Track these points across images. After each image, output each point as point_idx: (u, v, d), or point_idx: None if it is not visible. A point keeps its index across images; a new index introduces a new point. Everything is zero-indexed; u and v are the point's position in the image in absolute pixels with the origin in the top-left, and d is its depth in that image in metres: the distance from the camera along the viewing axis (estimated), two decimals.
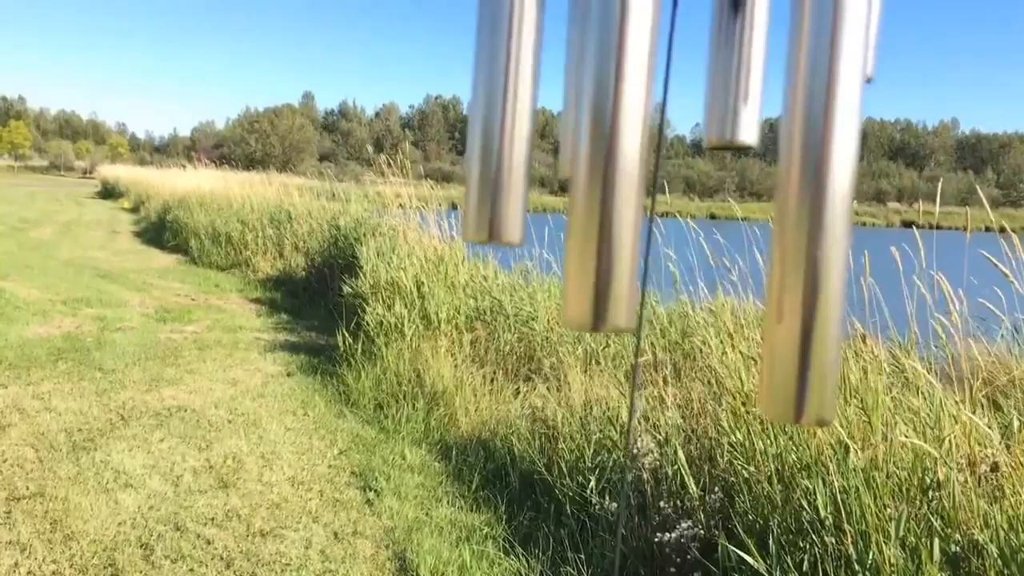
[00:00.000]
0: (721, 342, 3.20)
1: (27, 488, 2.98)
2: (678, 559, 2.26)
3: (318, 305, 6.74)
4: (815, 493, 2.03)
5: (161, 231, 12.20)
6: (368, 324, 4.68)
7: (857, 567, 1.92)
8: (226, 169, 22.32)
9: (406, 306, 4.78)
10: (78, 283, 7.66)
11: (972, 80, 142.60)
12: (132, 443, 3.49)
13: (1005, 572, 1.76)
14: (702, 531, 2.27)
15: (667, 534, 2.25)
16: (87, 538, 2.64)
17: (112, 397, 4.11)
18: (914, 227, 2.82)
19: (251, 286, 8.16)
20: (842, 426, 2.19)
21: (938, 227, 2.64)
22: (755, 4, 0.40)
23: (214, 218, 10.28)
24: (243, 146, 64.95)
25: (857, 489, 1.95)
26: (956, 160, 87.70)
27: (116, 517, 2.82)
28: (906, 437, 2.03)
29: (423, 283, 5.00)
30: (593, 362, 3.96)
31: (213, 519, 2.84)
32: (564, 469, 2.88)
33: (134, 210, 18.25)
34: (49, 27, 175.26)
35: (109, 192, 26.37)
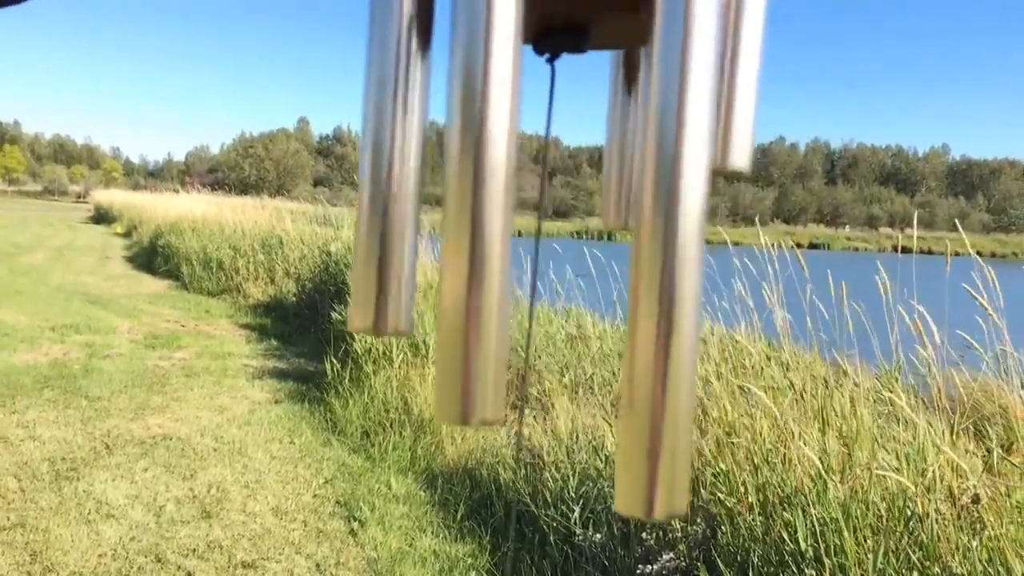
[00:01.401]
0: (706, 371, 3.20)
1: (7, 519, 2.95)
2: None
3: (308, 331, 6.73)
4: (795, 525, 2.02)
5: (153, 256, 12.18)
6: (356, 351, 4.68)
7: None
8: (220, 194, 22.37)
9: None
10: (68, 309, 7.63)
11: (962, 106, 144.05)
12: (116, 472, 3.47)
13: None
14: (684, 563, 2.27)
15: (649, 566, 2.24)
16: (66, 570, 2.62)
17: (97, 425, 4.09)
18: (899, 251, 2.84)
19: (241, 312, 8.14)
20: (821, 459, 2.20)
21: (929, 252, 2.66)
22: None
23: (206, 243, 10.28)
24: (237, 171, 65.10)
25: (836, 521, 1.95)
26: (947, 186, 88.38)
27: (97, 549, 2.79)
28: (884, 470, 2.03)
29: (414, 308, 4.99)
30: (580, 390, 3.96)
31: (195, 550, 2.81)
32: (549, 499, 2.87)
33: (127, 235, 18.24)
34: (44, 52, 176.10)
35: (102, 217, 26.35)
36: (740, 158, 0.39)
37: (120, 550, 2.78)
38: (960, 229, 2.54)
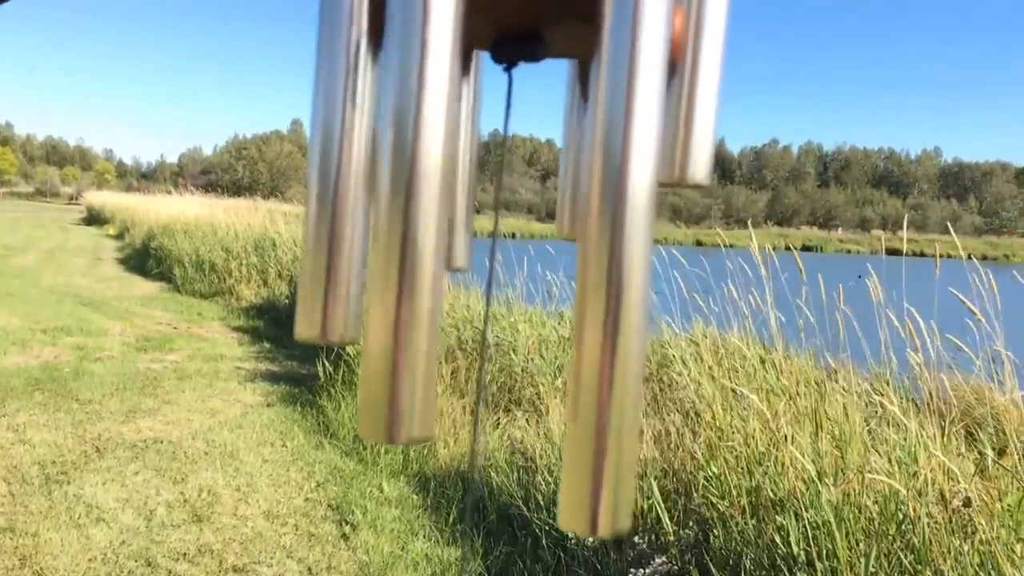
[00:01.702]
0: (699, 373, 3.20)
1: None
2: None
3: None
4: (788, 529, 2.02)
5: (145, 258, 12.14)
6: (349, 354, 4.66)
7: None
8: (213, 195, 22.31)
9: None
10: (59, 311, 7.60)
11: (954, 109, 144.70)
12: (106, 476, 3.45)
13: None
14: (676, 566, 2.26)
15: (641, 570, 2.24)
16: (56, 574, 2.60)
17: (88, 429, 4.07)
18: (890, 253, 2.84)
19: (234, 314, 8.11)
20: (815, 461, 2.20)
21: (921, 254, 2.67)
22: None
23: (198, 245, 10.25)
24: (231, 173, 64.97)
25: (828, 524, 1.95)
26: (939, 188, 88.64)
27: (87, 553, 2.77)
28: (875, 474, 2.03)
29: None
30: None
31: (185, 554, 2.80)
32: (541, 502, 2.86)
33: (119, 237, 18.17)
34: (37, 53, 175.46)
35: (94, 218, 26.25)
36: (699, 172, 0.39)
37: (110, 554, 2.77)
38: (952, 231, 2.54)
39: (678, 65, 0.38)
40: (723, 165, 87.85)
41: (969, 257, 2.67)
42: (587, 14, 0.35)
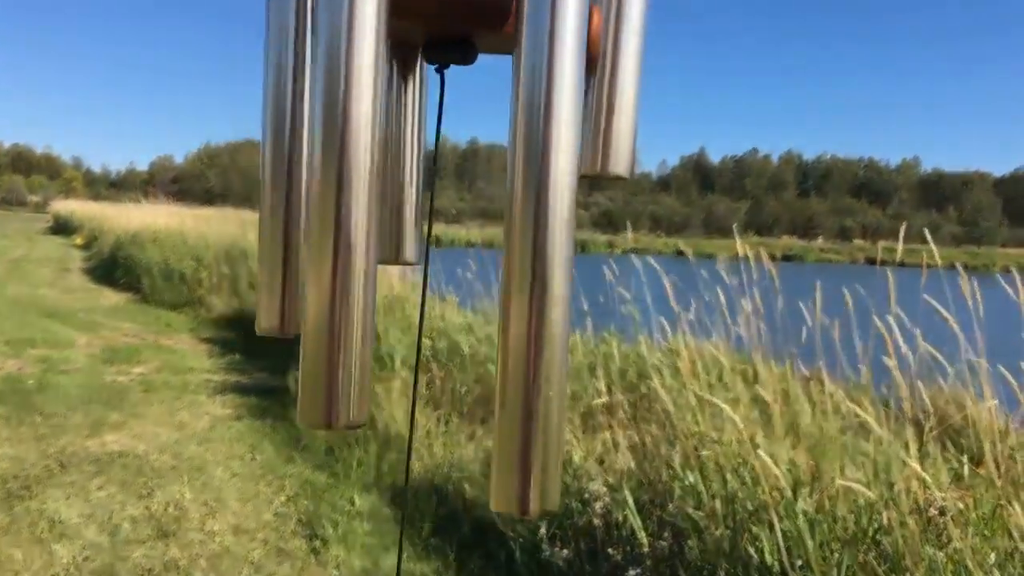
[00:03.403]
0: (678, 383, 3.20)
1: None
2: None
3: (272, 345, 6.62)
4: (762, 539, 2.01)
5: (113, 268, 11.94)
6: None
7: None
8: (183, 204, 22.05)
9: None
10: (23, 322, 7.44)
11: (932, 119, 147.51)
12: (70, 491, 3.37)
13: None
14: None
15: None
16: None
17: (51, 442, 3.97)
18: (868, 262, 2.86)
19: (204, 325, 8.00)
20: (791, 470, 2.19)
21: (902, 264, 2.67)
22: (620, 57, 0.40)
23: (167, 255, 10.11)
24: (202, 181, 64.42)
25: (802, 534, 1.94)
26: (919, 198, 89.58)
27: (49, 569, 2.70)
28: (848, 482, 2.02)
29: (378, 323, 4.94)
30: None
31: (151, 570, 2.73)
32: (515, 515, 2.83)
33: (86, 246, 17.87)
34: (2, 57, 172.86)
35: (61, 227, 25.82)
36: (620, 164, 0.40)
37: (73, 570, 2.69)
38: (930, 240, 2.55)
39: (597, 62, 0.39)
40: (703, 174, 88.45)
41: (952, 266, 2.69)
42: (503, 20, 0.37)
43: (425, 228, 0.43)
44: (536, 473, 0.31)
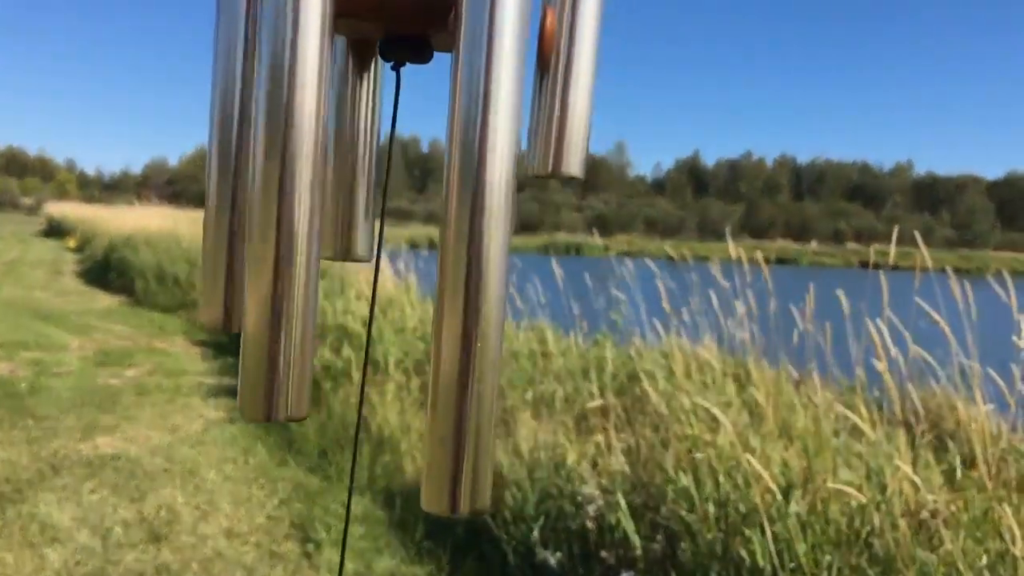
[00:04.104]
0: (670, 386, 3.20)
1: None
2: None
3: None
4: (754, 541, 2.01)
5: (106, 271, 11.91)
6: (314, 367, 4.59)
7: None
8: (177, 207, 21.98)
9: (354, 350, 4.70)
10: (16, 325, 7.42)
11: (927, 121, 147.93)
12: (62, 494, 3.35)
13: None
14: None
15: None
16: None
17: (43, 446, 3.95)
18: (863, 265, 2.86)
19: (197, 328, 7.97)
20: (783, 473, 2.19)
21: (895, 267, 2.68)
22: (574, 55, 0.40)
23: (161, 258, 10.08)
24: (196, 183, 64.29)
25: (792, 538, 1.94)
26: (913, 201, 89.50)
27: (40, 573, 2.69)
28: (839, 485, 2.03)
29: (374, 325, 4.93)
30: (543, 406, 3.93)
31: (142, 574, 2.72)
32: (509, 517, 2.83)
33: (79, 249, 17.82)
34: None
35: (55, 230, 25.72)
36: (573, 165, 0.40)
37: (64, 574, 2.68)
38: (920, 243, 2.56)
39: (550, 62, 0.40)
40: (698, 177, 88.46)
41: (943, 269, 2.70)
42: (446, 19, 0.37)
43: (378, 225, 0.44)
44: (467, 473, 0.31)
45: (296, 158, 0.30)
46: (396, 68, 0.40)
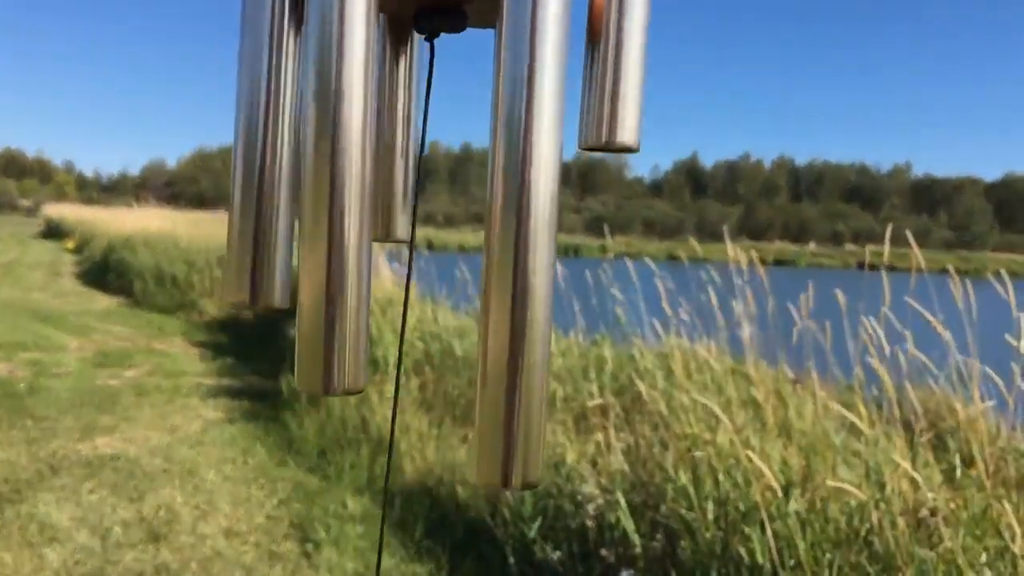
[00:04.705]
0: (670, 385, 3.20)
1: None
2: None
3: (265, 348, 6.61)
4: (754, 539, 2.01)
5: (104, 272, 11.90)
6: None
7: None
8: (175, 208, 21.97)
9: None
10: (15, 326, 7.41)
11: (924, 123, 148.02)
12: (60, 494, 3.35)
13: None
14: None
15: None
16: None
17: (42, 446, 3.95)
18: (863, 267, 2.87)
19: (196, 329, 7.98)
20: (783, 471, 2.20)
21: (893, 268, 2.69)
22: (624, 25, 0.40)
23: (159, 259, 10.08)
24: (195, 185, 64.30)
25: (793, 535, 1.95)
26: (911, 203, 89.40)
27: (39, 573, 2.69)
28: (839, 483, 2.03)
29: (371, 326, 4.93)
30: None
31: (141, 574, 2.72)
32: (508, 516, 2.83)
33: (78, 251, 17.80)
34: None
35: (53, 232, 25.69)
36: (627, 134, 0.40)
37: (64, 574, 2.68)
38: (912, 243, 2.57)
39: (601, 32, 0.40)
40: (696, 179, 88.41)
41: (944, 270, 2.70)
42: None
43: (422, 209, 0.44)
44: (519, 447, 0.31)
45: (346, 140, 0.30)
46: (430, 39, 0.40)
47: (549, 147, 0.31)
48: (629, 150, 0.41)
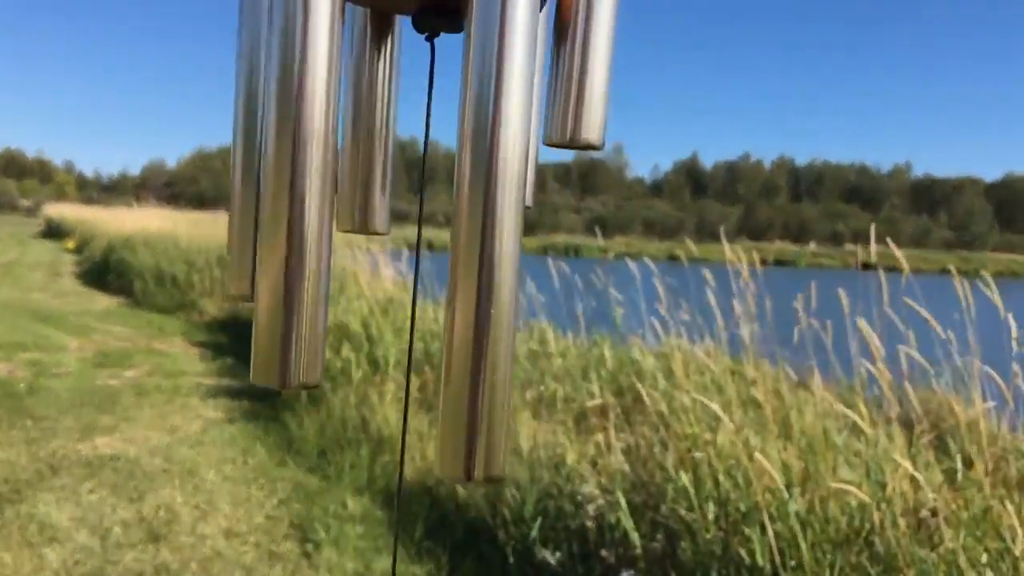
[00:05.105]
0: (670, 385, 3.20)
1: None
2: None
3: None
4: (754, 540, 2.01)
5: (105, 272, 11.90)
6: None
7: None
8: (175, 208, 21.97)
9: (354, 350, 4.70)
10: (15, 326, 7.41)
11: (924, 123, 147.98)
12: (60, 495, 3.35)
13: None
14: None
15: None
16: None
17: (42, 446, 3.95)
18: (861, 267, 2.87)
19: (196, 329, 7.97)
20: (783, 472, 2.19)
21: (892, 268, 2.69)
22: (589, 24, 0.40)
23: (159, 259, 10.07)
24: (195, 185, 64.30)
25: (794, 535, 1.94)
26: (911, 203, 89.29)
27: (39, 574, 2.68)
28: (840, 483, 2.03)
29: (371, 326, 4.93)
30: (543, 406, 3.93)
31: (141, 574, 2.71)
32: (508, 517, 2.83)
33: (78, 251, 17.79)
34: None
35: (53, 232, 25.70)
36: (592, 132, 0.40)
37: (63, 574, 2.68)
38: (893, 245, 2.58)
39: (568, 28, 0.39)
40: (696, 179, 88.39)
41: (945, 270, 2.70)
42: None
43: (417, 201, 0.44)
44: (481, 440, 0.31)
45: (308, 130, 0.30)
46: (430, 39, 0.40)
47: (516, 140, 0.31)
48: (593, 147, 0.41)
